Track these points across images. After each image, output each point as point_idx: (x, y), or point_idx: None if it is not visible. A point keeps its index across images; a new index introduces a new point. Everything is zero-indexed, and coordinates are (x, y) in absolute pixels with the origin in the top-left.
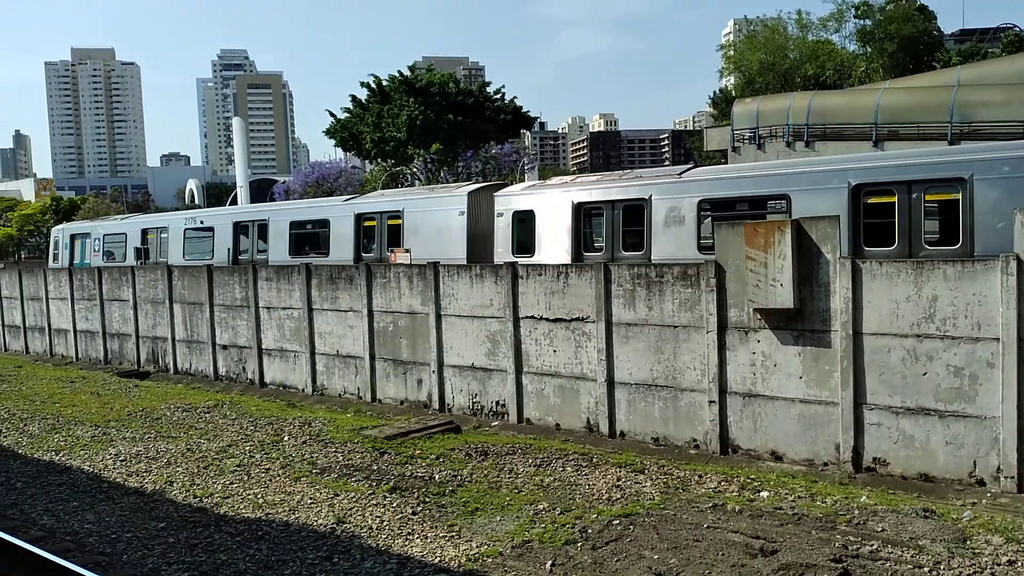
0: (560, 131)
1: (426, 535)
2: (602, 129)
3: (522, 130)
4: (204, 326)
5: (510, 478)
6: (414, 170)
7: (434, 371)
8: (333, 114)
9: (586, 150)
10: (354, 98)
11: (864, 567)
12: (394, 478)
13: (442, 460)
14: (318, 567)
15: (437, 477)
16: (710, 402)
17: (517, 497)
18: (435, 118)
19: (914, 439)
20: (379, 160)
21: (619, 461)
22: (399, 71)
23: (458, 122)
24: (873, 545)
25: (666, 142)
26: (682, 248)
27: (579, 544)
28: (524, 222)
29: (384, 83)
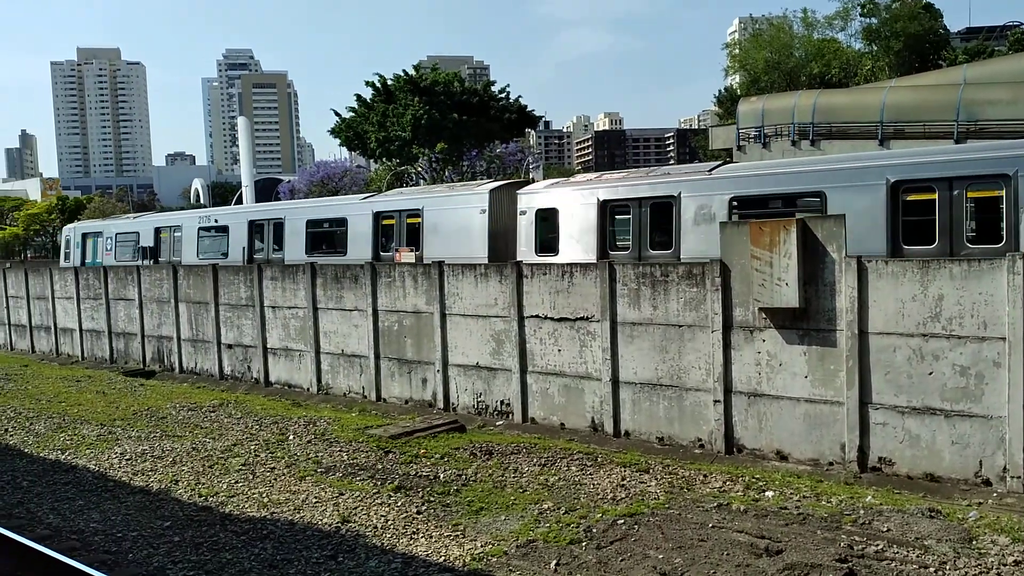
0: (565, 130)
1: (431, 534)
2: (607, 128)
3: (527, 129)
4: (209, 325)
5: (515, 477)
6: (419, 169)
7: (439, 370)
8: (338, 113)
9: (591, 149)
10: (359, 97)
11: (870, 567)
12: (399, 477)
13: (447, 459)
14: (323, 566)
15: (442, 476)
16: (715, 402)
17: (522, 496)
18: (440, 117)
19: (920, 439)
20: (384, 159)
21: (624, 461)
22: (404, 70)
23: (463, 121)
24: (879, 545)
25: (671, 141)
26: (712, 247)
27: (584, 544)
28: (547, 220)
29: (389, 82)
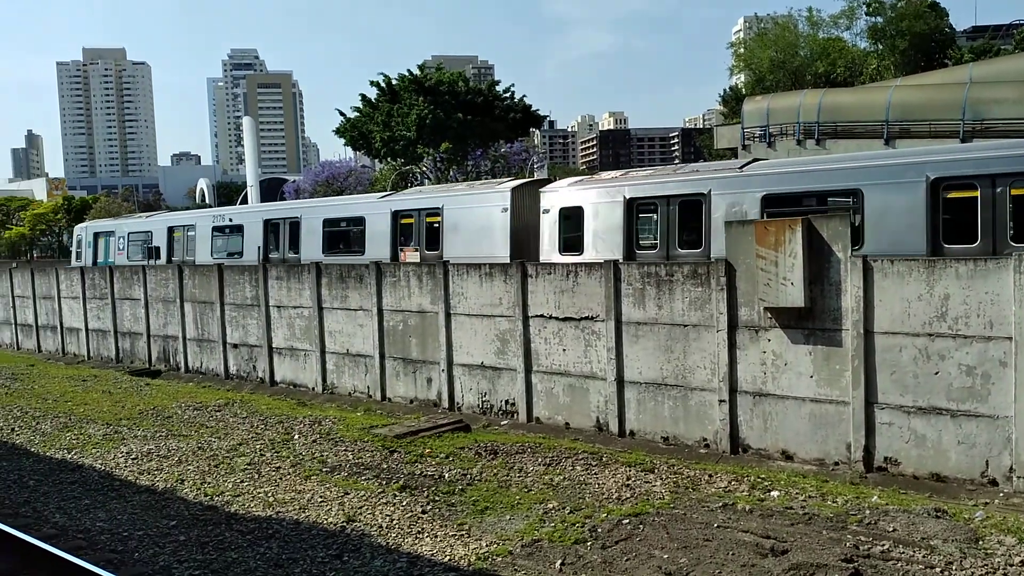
0: (569, 129)
1: (436, 534)
2: (612, 127)
3: (531, 129)
4: (215, 325)
5: (520, 477)
6: (424, 169)
7: (444, 370)
8: (343, 113)
9: (595, 149)
10: (364, 97)
11: (875, 567)
12: (404, 477)
13: (452, 459)
14: (328, 565)
15: (447, 476)
16: (720, 401)
17: (527, 496)
18: (445, 117)
19: (926, 439)
20: (389, 159)
21: (629, 460)
22: (409, 70)
23: (468, 121)
24: (884, 545)
25: (676, 141)
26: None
27: (589, 543)
28: (571, 219)
29: (394, 82)
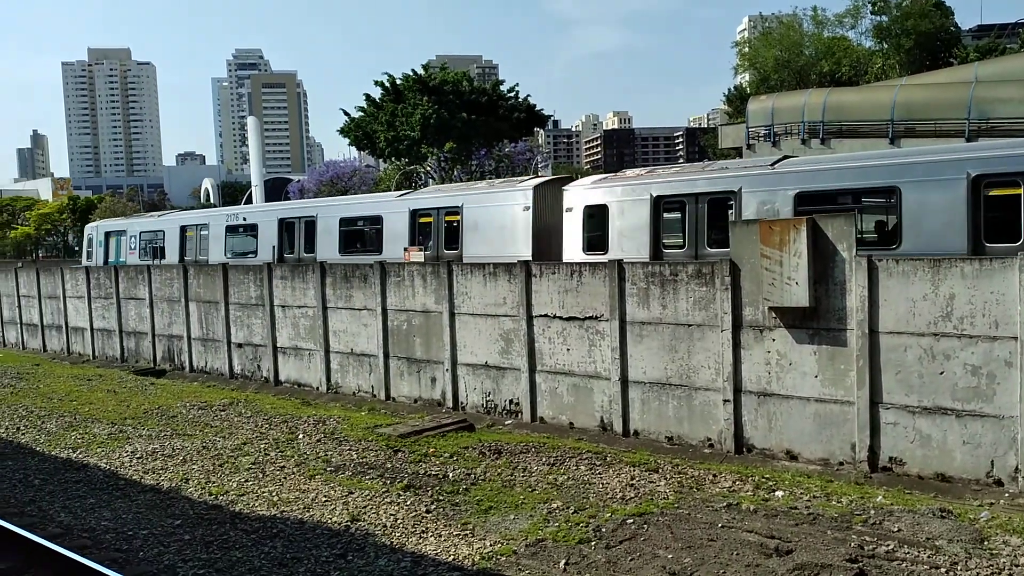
0: (574, 129)
1: (440, 533)
2: (616, 127)
3: (536, 128)
4: (219, 324)
5: (524, 477)
6: (428, 168)
7: (448, 369)
8: (347, 113)
9: (600, 148)
10: (368, 97)
11: (880, 567)
12: (408, 476)
13: (456, 458)
14: (332, 565)
15: (451, 475)
16: (724, 401)
17: (531, 496)
18: (449, 117)
19: (931, 439)
20: (393, 159)
21: (633, 460)
22: (413, 70)
23: (472, 121)
24: (889, 545)
25: (680, 140)
26: None
27: (593, 543)
28: (595, 217)
29: (398, 82)
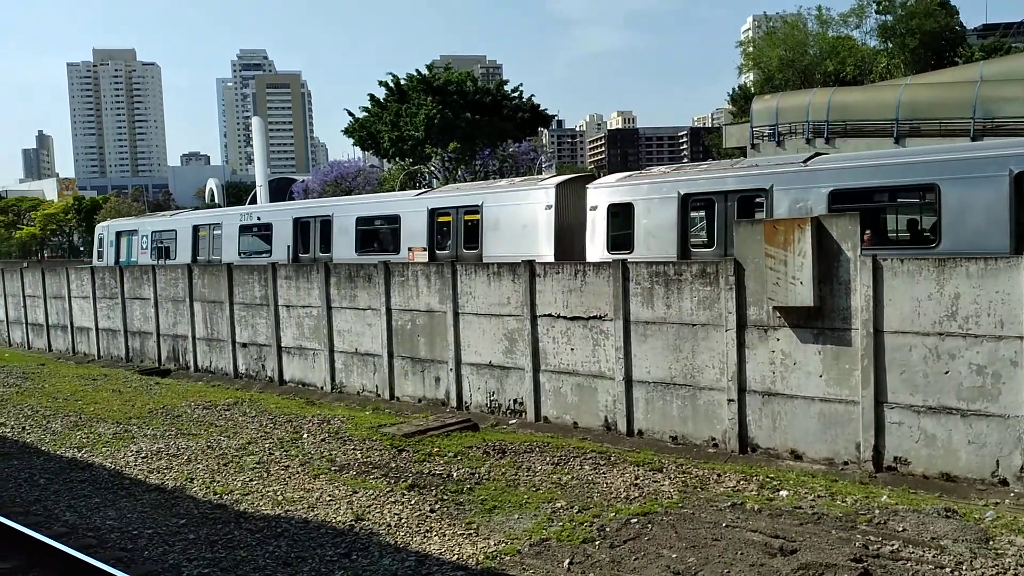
0: (578, 129)
1: (444, 533)
2: (620, 127)
3: (540, 128)
4: (224, 324)
5: (528, 476)
6: (432, 169)
7: (452, 369)
8: (352, 113)
9: (604, 148)
10: (372, 97)
11: (885, 567)
12: (412, 476)
13: (460, 458)
14: (336, 564)
15: (455, 475)
16: (729, 401)
17: (535, 495)
18: (453, 117)
19: (936, 438)
20: (397, 159)
21: (637, 460)
22: (417, 70)
23: (476, 120)
24: (894, 545)
25: (684, 139)
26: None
27: (597, 543)
28: (619, 216)
29: (402, 82)
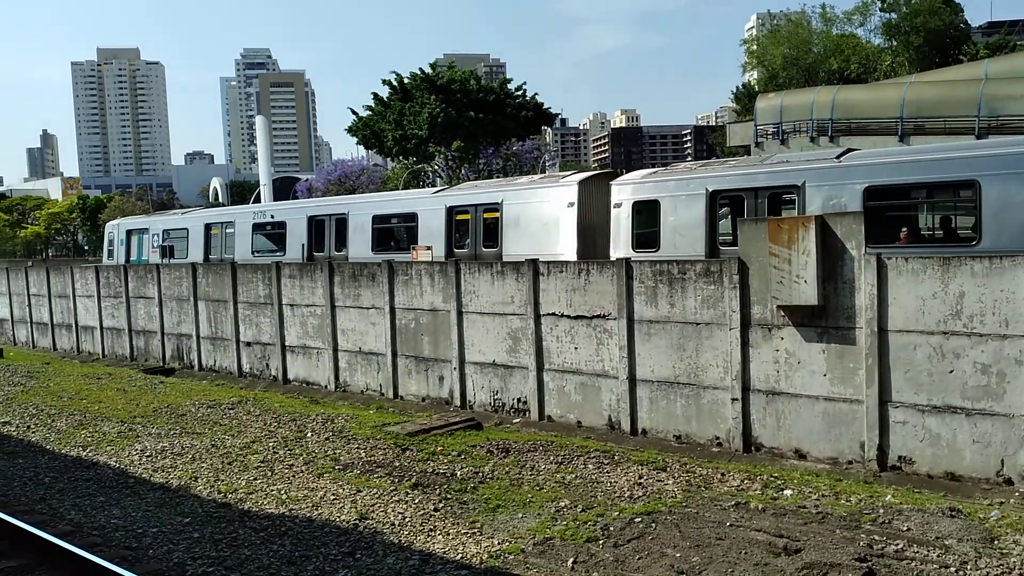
0: (581, 127)
1: (448, 532)
2: (623, 125)
3: (543, 127)
4: (228, 323)
5: (532, 475)
6: (435, 167)
7: (455, 368)
8: (355, 112)
9: (607, 146)
10: (376, 96)
11: (889, 566)
12: (416, 475)
13: (464, 457)
14: (340, 563)
15: (459, 474)
16: (733, 400)
17: (539, 494)
18: (456, 115)
19: (940, 437)
20: (401, 158)
21: (641, 459)
22: (421, 69)
23: (479, 119)
24: (898, 544)
25: (688, 138)
26: None
27: (601, 542)
28: (644, 214)
29: (406, 81)
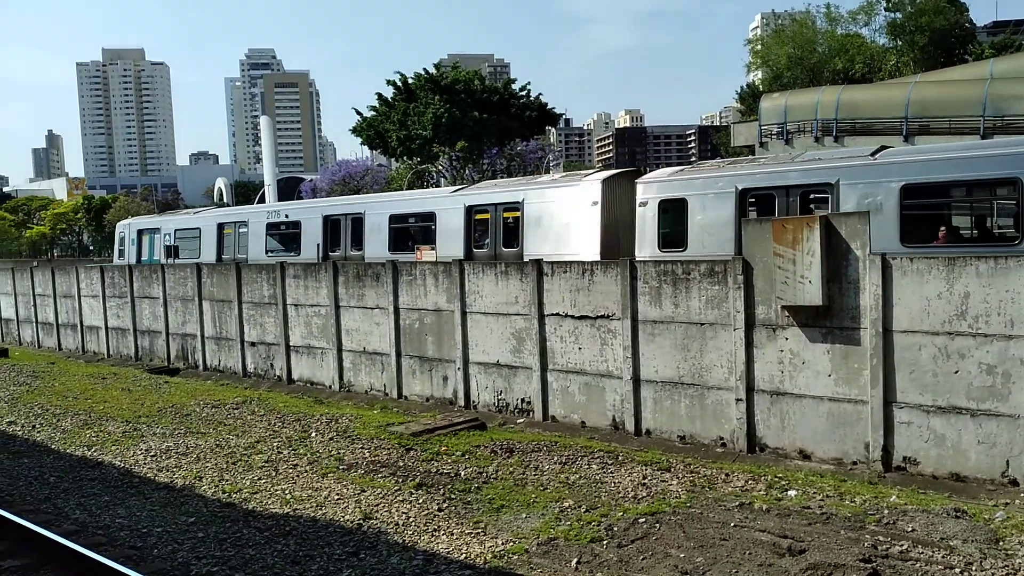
0: (585, 127)
1: (452, 532)
2: (627, 125)
3: (547, 127)
4: (233, 323)
5: (535, 475)
6: (440, 168)
7: (459, 368)
8: (360, 112)
9: (611, 146)
10: (380, 96)
11: (894, 567)
12: (420, 475)
13: (468, 457)
14: (345, 563)
15: (463, 474)
16: (737, 400)
17: (543, 495)
18: (460, 116)
19: (945, 438)
20: (405, 158)
21: (645, 459)
22: (425, 69)
23: (483, 119)
24: (903, 545)
25: (692, 138)
26: (878, 241)
27: (605, 542)
28: (671, 212)
29: (410, 81)
